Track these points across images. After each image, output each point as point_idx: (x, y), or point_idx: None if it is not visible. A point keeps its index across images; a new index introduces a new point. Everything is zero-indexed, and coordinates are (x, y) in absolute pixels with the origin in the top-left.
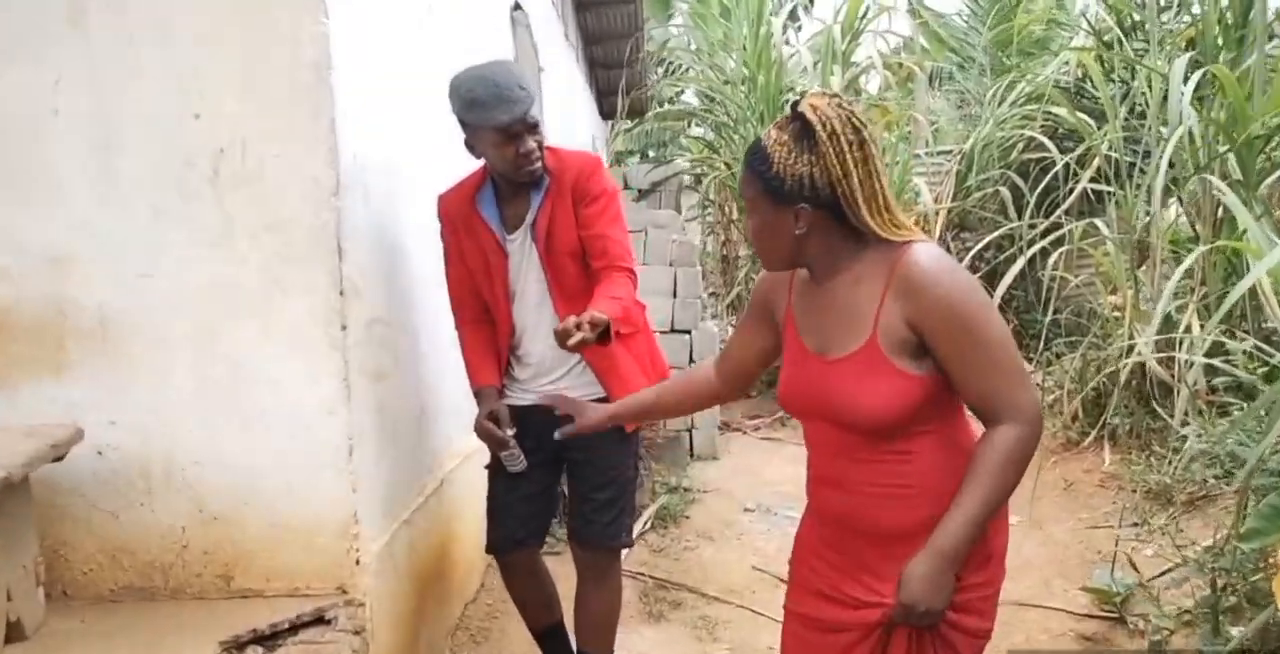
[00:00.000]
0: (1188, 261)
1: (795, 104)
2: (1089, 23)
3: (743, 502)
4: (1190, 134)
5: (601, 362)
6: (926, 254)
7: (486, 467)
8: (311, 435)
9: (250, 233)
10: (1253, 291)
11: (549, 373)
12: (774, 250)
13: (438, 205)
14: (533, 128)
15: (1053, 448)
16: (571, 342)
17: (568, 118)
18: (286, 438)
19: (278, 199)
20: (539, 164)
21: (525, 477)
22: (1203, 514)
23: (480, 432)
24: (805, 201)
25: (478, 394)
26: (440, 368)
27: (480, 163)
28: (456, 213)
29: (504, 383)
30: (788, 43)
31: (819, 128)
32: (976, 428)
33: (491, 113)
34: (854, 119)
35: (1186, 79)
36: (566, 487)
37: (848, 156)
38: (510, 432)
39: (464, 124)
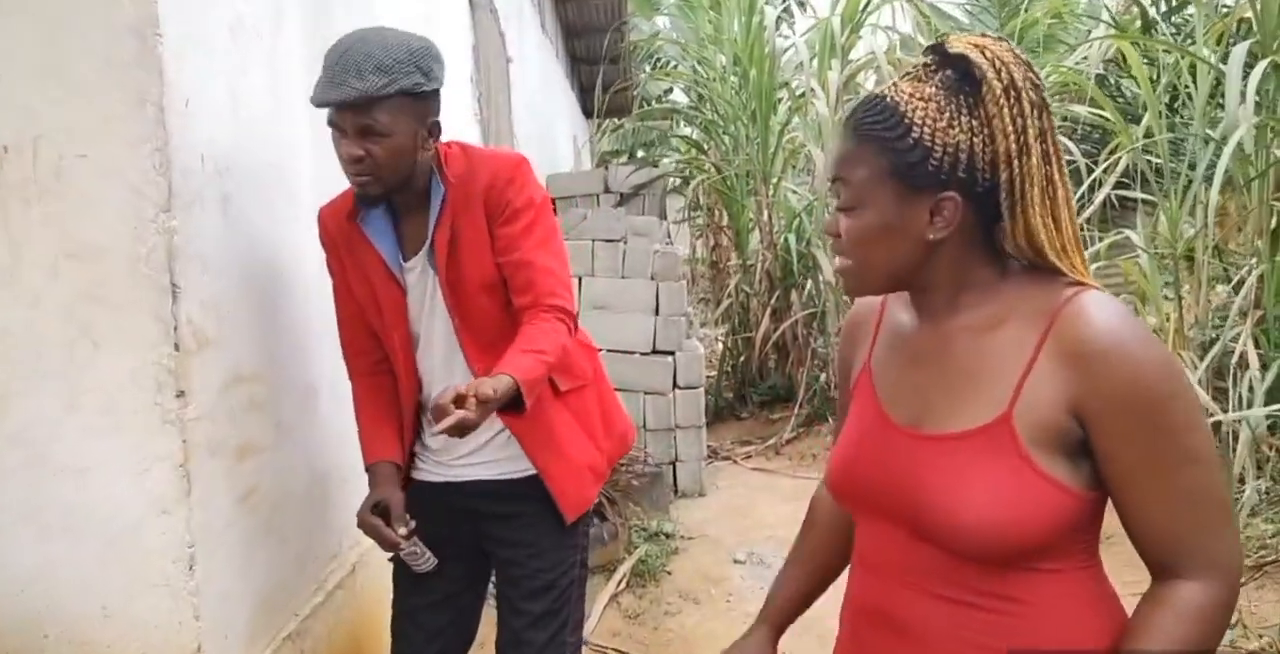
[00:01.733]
0: (1248, 281)
1: (942, 45)
2: (1110, 12)
3: (732, 551)
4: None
5: (532, 431)
6: (1108, 308)
7: (390, 559)
8: (136, 543)
9: (46, 265)
10: None
11: (463, 442)
12: (882, 261)
13: (318, 222)
14: (364, 131)
15: None
16: (442, 425)
17: (541, 115)
18: (101, 547)
19: (85, 218)
20: (366, 180)
21: (437, 576)
22: (1274, 583)
23: (363, 528)
24: (956, 187)
25: (369, 471)
26: (348, 424)
27: None
28: (337, 232)
29: (414, 452)
30: (781, 35)
31: (991, 76)
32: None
33: (316, 91)
34: (1034, 74)
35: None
36: (495, 590)
37: (1028, 124)
38: (404, 529)
39: None
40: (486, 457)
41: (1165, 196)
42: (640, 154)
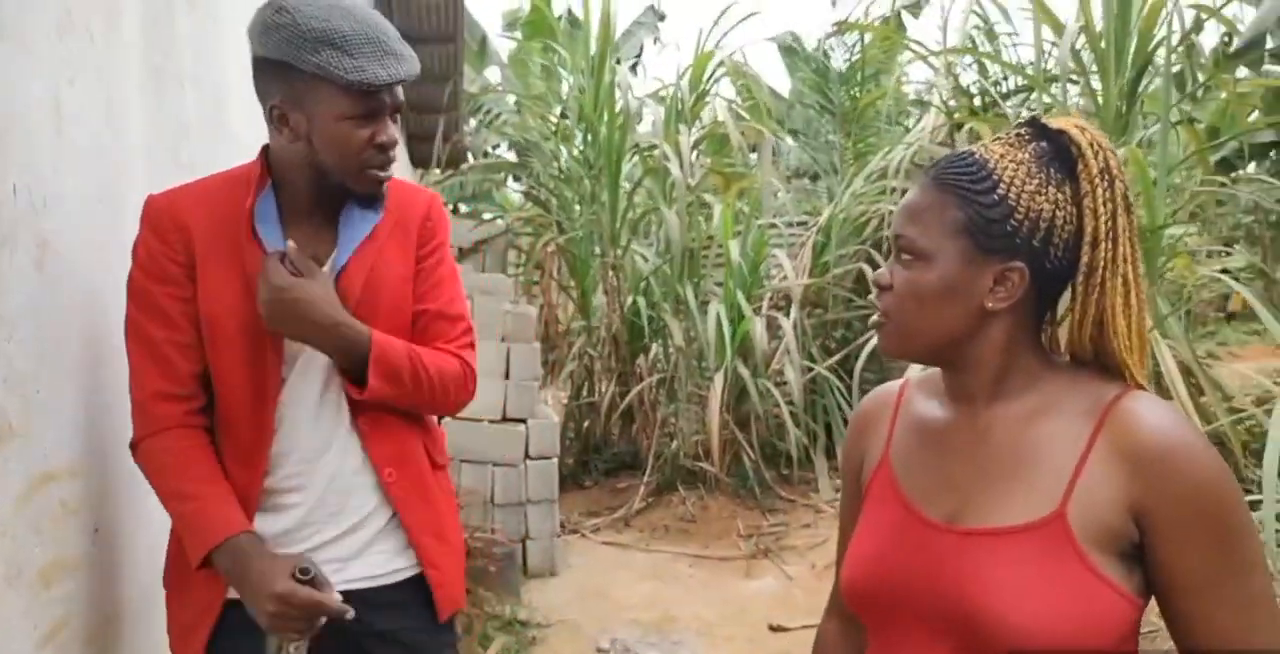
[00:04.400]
0: None
1: (1039, 120)
2: (941, 96)
3: (595, 638)
4: None
5: (420, 511)
6: (1162, 410)
7: None
8: None
9: None
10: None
11: (331, 518)
12: (931, 324)
13: (157, 212)
14: (398, 111)
15: None
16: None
17: None
18: None
19: None
20: (392, 171)
21: None
22: None
23: (293, 606)
24: (1025, 258)
25: (225, 551)
26: None
27: (252, 155)
28: (209, 230)
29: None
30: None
31: (1089, 154)
32: None
33: (360, 60)
34: (1124, 172)
35: None
36: None
37: (1118, 211)
38: (338, 595)
39: (286, 73)
40: (361, 544)
41: None
42: (464, 208)
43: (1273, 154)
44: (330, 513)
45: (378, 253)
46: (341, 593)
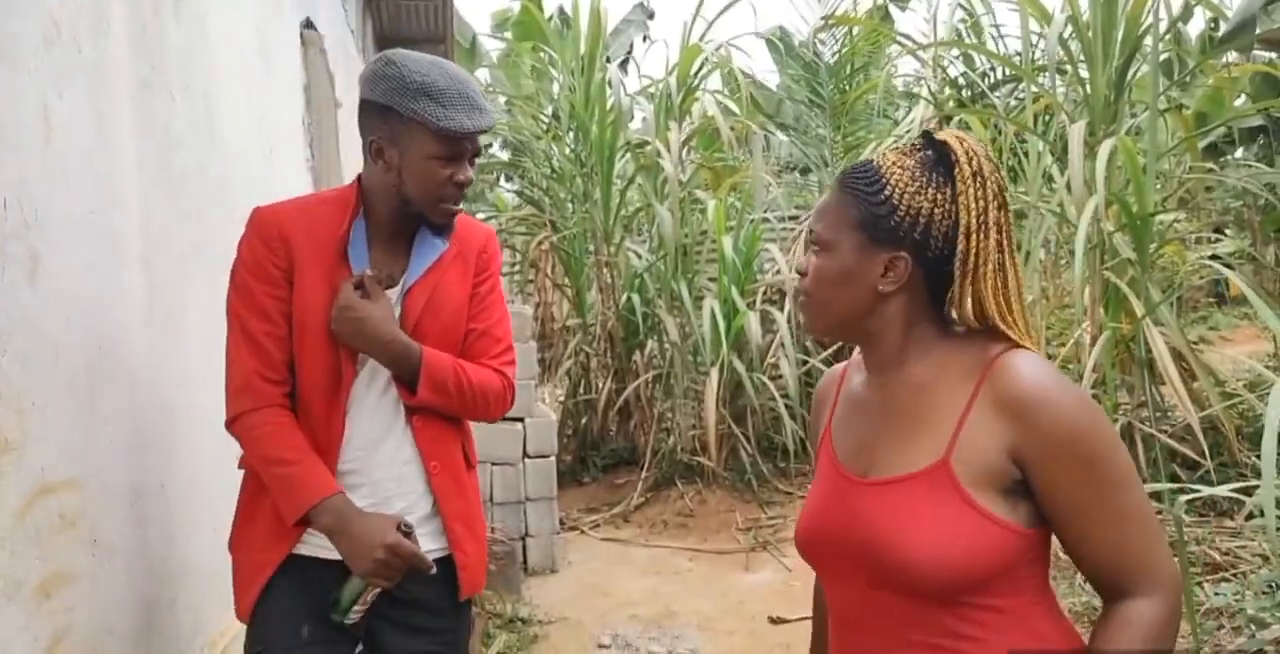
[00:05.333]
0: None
1: (928, 134)
2: (929, 89)
3: (596, 634)
4: (1060, 208)
5: (456, 502)
6: (1033, 362)
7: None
8: None
9: None
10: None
11: (386, 501)
12: (835, 304)
13: (264, 222)
14: (477, 155)
15: None
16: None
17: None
18: None
19: None
20: (460, 205)
21: None
22: None
23: (400, 558)
24: (910, 249)
25: (329, 508)
26: (185, 527)
27: (347, 181)
28: (307, 244)
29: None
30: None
31: (963, 161)
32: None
33: (450, 111)
34: (1000, 176)
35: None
36: None
37: (989, 207)
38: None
39: (387, 115)
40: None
41: None
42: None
43: (1260, 139)
44: (384, 496)
45: (440, 277)
46: None
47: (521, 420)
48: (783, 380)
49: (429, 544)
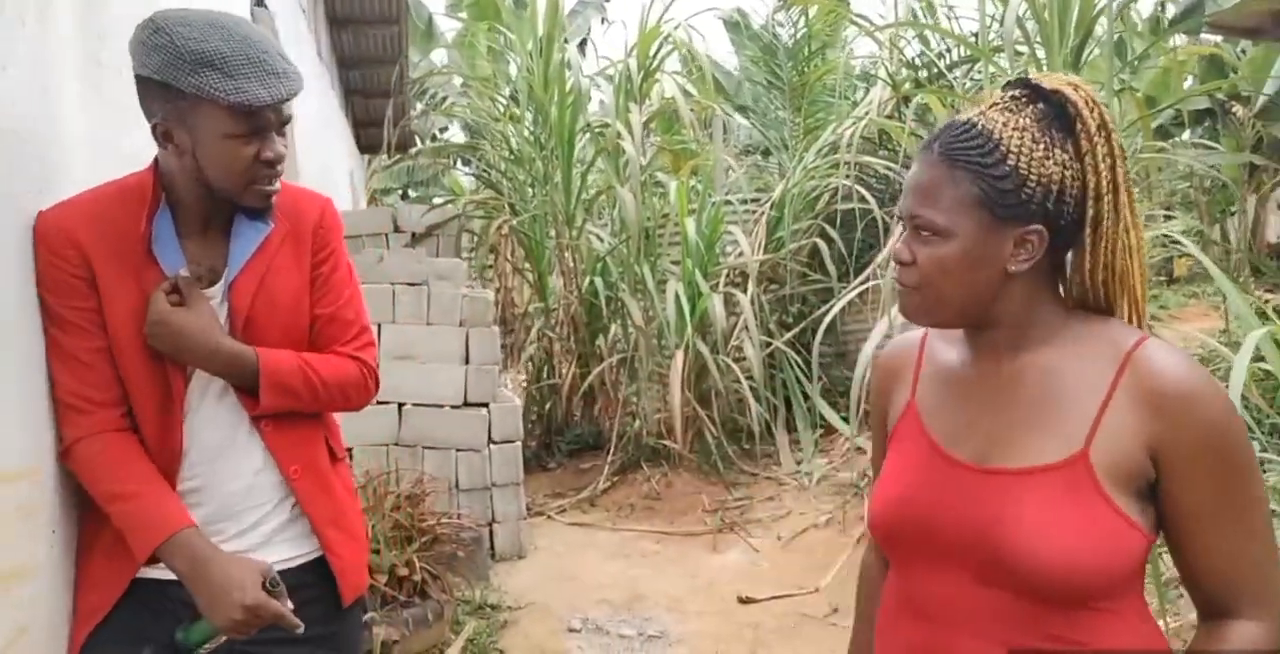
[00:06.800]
0: None
1: (1031, 80)
2: (887, 70)
3: (565, 618)
4: None
5: (321, 502)
6: (1181, 355)
7: None
8: None
9: None
10: None
11: (234, 516)
12: (958, 292)
13: (49, 230)
14: (285, 125)
15: None
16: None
17: (322, 151)
18: None
19: None
20: (278, 184)
21: None
22: None
23: (259, 617)
24: (1042, 221)
25: (180, 548)
26: None
27: (143, 167)
28: (104, 247)
29: None
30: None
31: (1086, 113)
32: None
33: (240, 82)
34: (1115, 121)
35: None
36: None
37: (1116, 163)
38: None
39: (168, 93)
40: (263, 536)
41: None
42: (413, 193)
43: (1206, 121)
44: (234, 511)
45: (269, 263)
46: None
47: (486, 406)
48: (746, 362)
49: (295, 549)
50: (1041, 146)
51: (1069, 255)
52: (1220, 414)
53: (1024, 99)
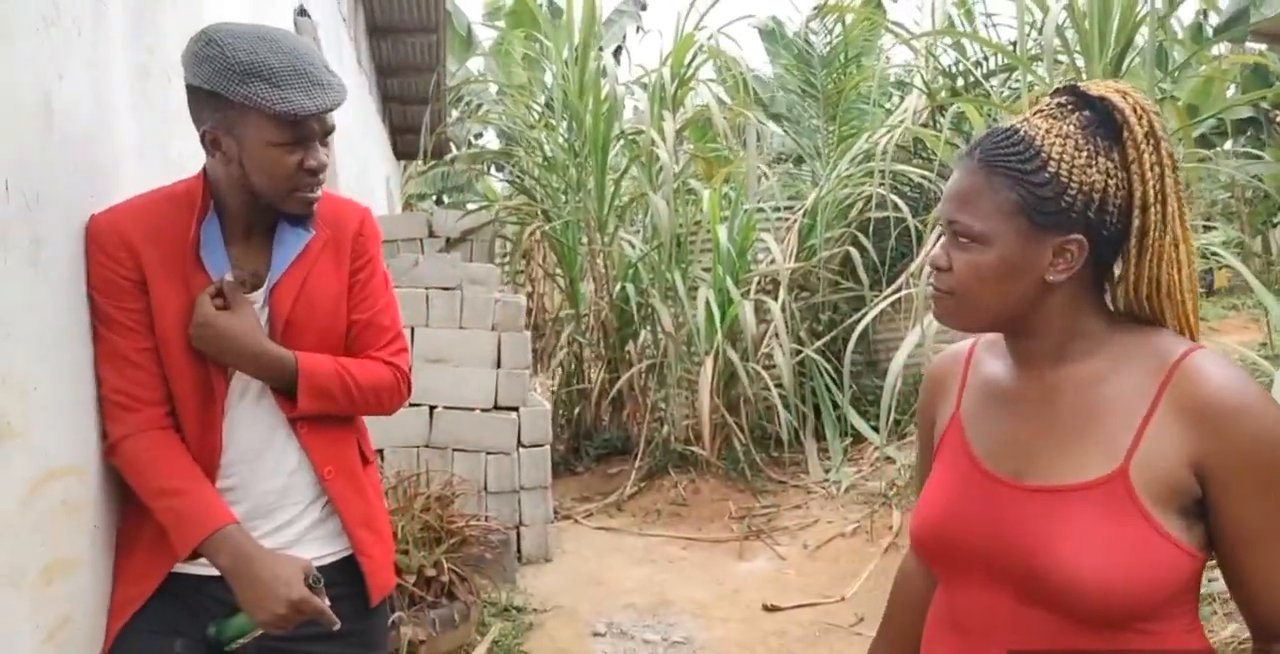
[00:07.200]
0: None
1: (1078, 87)
2: (923, 78)
3: (591, 622)
4: None
5: (353, 502)
6: (1228, 365)
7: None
8: None
9: None
10: None
11: (268, 514)
12: (994, 300)
13: (102, 231)
14: (328, 135)
15: None
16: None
17: (360, 157)
18: None
19: None
20: (320, 192)
21: None
22: None
23: (301, 613)
24: (1083, 230)
25: (224, 544)
26: None
27: (192, 174)
28: (154, 250)
29: None
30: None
31: (1133, 120)
32: None
33: (285, 92)
34: (1165, 129)
35: None
36: None
37: (1165, 172)
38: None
39: (217, 102)
40: (295, 535)
41: None
42: (447, 199)
43: (1248, 131)
44: (268, 509)
45: (310, 269)
46: None
47: (516, 410)
48: (776, 370)
49: (324, 548)
50: (1084, 154)
51: (1117, 266)
52: (1270, 428)
53: (1070, 106)
